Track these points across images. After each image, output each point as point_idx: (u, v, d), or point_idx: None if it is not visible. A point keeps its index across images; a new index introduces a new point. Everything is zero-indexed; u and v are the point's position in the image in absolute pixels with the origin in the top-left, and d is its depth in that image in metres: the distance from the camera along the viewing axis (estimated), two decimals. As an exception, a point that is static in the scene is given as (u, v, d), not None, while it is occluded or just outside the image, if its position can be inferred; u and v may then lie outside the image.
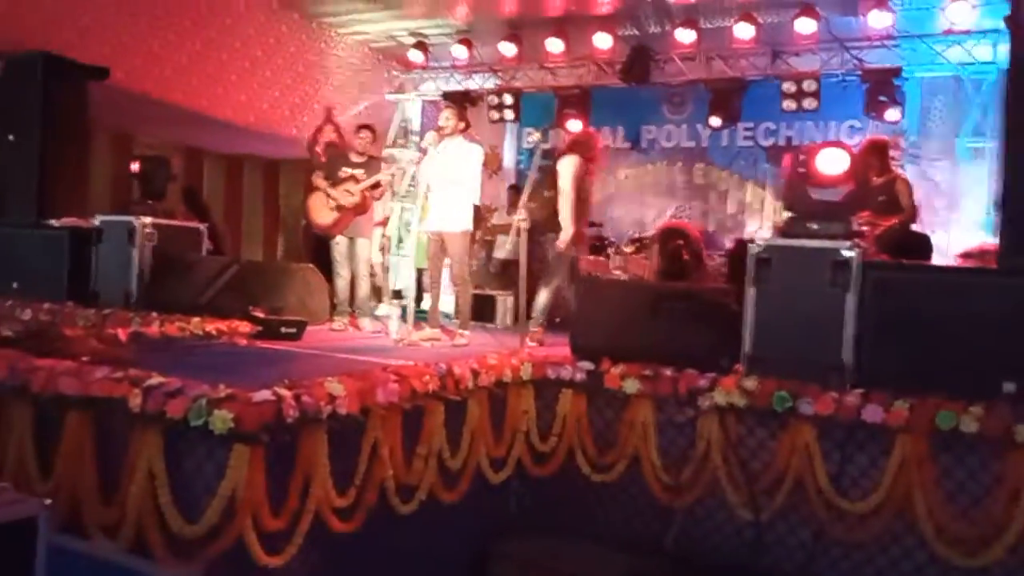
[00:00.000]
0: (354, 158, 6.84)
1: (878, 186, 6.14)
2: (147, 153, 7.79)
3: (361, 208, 6.71)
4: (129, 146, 9.10)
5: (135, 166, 6.64)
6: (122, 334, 4.22)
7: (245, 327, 5.06)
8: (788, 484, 3.76)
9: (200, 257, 6.18)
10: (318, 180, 6.78)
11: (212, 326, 4.86)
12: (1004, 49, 5.85)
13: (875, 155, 6.20)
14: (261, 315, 5.34)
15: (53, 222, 6.21)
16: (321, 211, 6.71)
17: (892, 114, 8.29)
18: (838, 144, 4.39)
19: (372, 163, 6.89)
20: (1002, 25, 5.04)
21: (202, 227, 6.51)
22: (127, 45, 7.72)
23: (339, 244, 6.73)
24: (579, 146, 6.28)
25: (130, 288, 5.78)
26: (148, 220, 5.90)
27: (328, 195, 6.67)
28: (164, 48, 8.09)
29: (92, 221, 6.11)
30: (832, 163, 4.19)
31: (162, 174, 6.68)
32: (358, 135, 6.96)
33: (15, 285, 5.98)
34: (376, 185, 6.73)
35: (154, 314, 5.14)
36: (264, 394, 3.04)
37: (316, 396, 3.18)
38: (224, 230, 8.69)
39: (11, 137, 6.56)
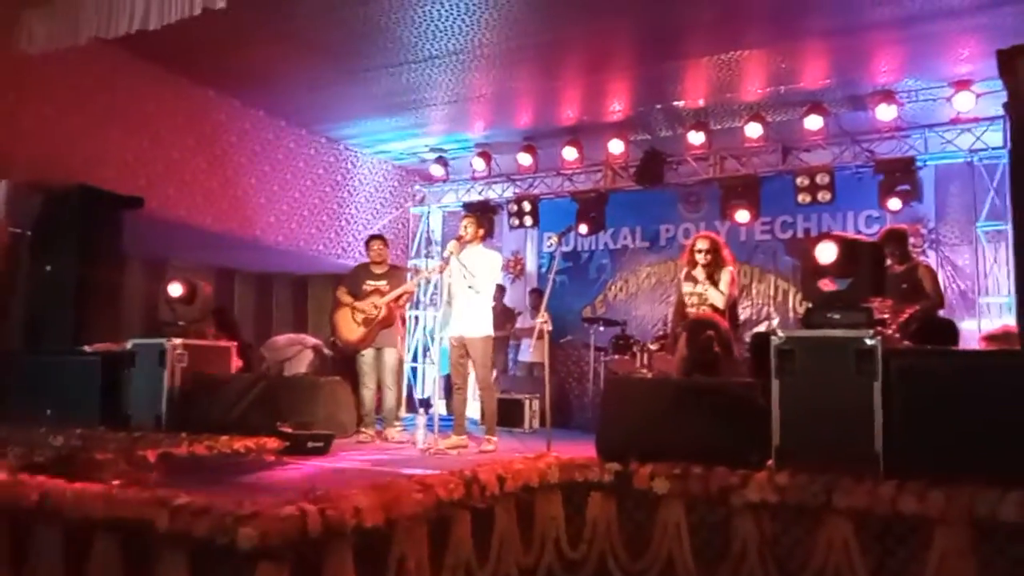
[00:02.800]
0: (375, 269, 6.96)
1: (900, 274, 6.15)
2: (179, 276, 8.02)
3: (387, 320, 6.77)
4: (162, 270, 9.40)
5: (177, 289, 6.77)
6: (150, 456, 4.27)
7: (273, 443, 5.08)
8: (828, 582, 3.63)
9: (229, 375, 6.27)
10: (343, 296, 6.88)
11: (240, 444, 4.88)
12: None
13: (894, 243, 6.23)
14: (288, 430, 5.37)
15: (87, 348, 6.37)
16: (348, 327, 6.78)
17: (901, 203, 8.38)
18: (829, 235, 4.47)
19: (394, 272, 7.01)
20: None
21: (231, 345, 6.62)
22: (161, 175, 8.10)
23: (365, 356, 6.79)
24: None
25: (161, 410, 5.87)
26: (179, 341, 6.03)
27: (354, 310, 6.76)
28: (196, 176, 8.47)
29: (125, 345, 6.26)
30: (824, 253, 4.26)
31: (197, 296, 6.88)
32: (370, 247, 7.09)
33: (48, 412, 6.10)
34: (402, 295, 6.83)
35: (183, 434, 5.19)
36: (289, 510, 3.04)
37: (340, 510, 3.17)
38: (254, 347, 8.83)
39: (48, 268, 6.83)
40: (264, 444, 5.03)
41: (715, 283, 6.08)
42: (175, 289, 6.57)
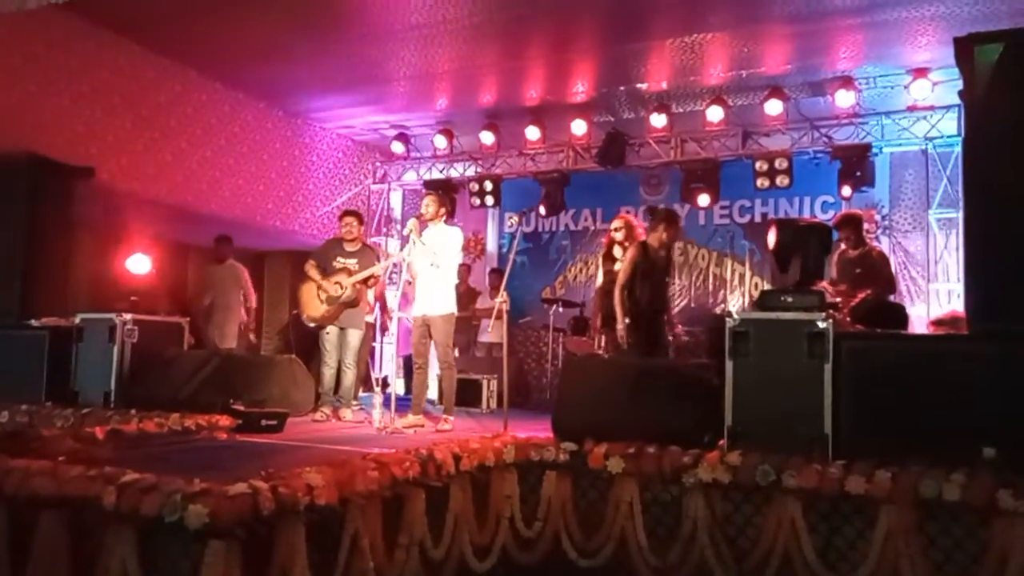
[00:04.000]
0: (347, 247, 6.80)
1: (854, 259, 6.26)
2: (136, 249, 7.87)
3: (353, 301, 6.67)
4: (113, 243, 9.18)
5: (139, 263, 6.61)
6: (99, 432, 4.19)
7: (225, 421, 5.03)
8: (776, 560, 3.71)
9: (181, 352, 6.18)
10: (311, 271, 6.73)
11: (191, 421, 4.83)
12: (965, 122, 6.05)
13: (849, 228, 6.33)
14: (241, 408, 5.31)
15: (33, 322, 6.22)
16: (312, 303, 6.66)
17: (863, 188, 8.50)
18: (775, 221, 4.61)
19: (366, 251, 6.87)
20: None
21: (183, 321, 6.51)
22: (113, 145, 7.90)
23: (329, 334, 6.69)
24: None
25: (110, 386, 5.76)
26: (129, 317, 5.91)
27: (320, 287, 6.65)
28: (149, 147, 8.28)
29: (74, 320, 6.12)
30: (770, 238, 4.37)
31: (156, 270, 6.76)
32: (342, 222, 6.92)
33: (-7, 386, 5.96)
34: (370, 277, 6.71)
35: (132, 411, 5.11)
36: (240, 487, 3.00)
37: (293, 487, 3.15)
38: (208, 323, 8.69)
39: (-6, 239, 6.64)
40: (216, 422, 4.98)
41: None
42: (136, 263, 6.47)
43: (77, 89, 7.56)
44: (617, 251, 6.55)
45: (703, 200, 9.28)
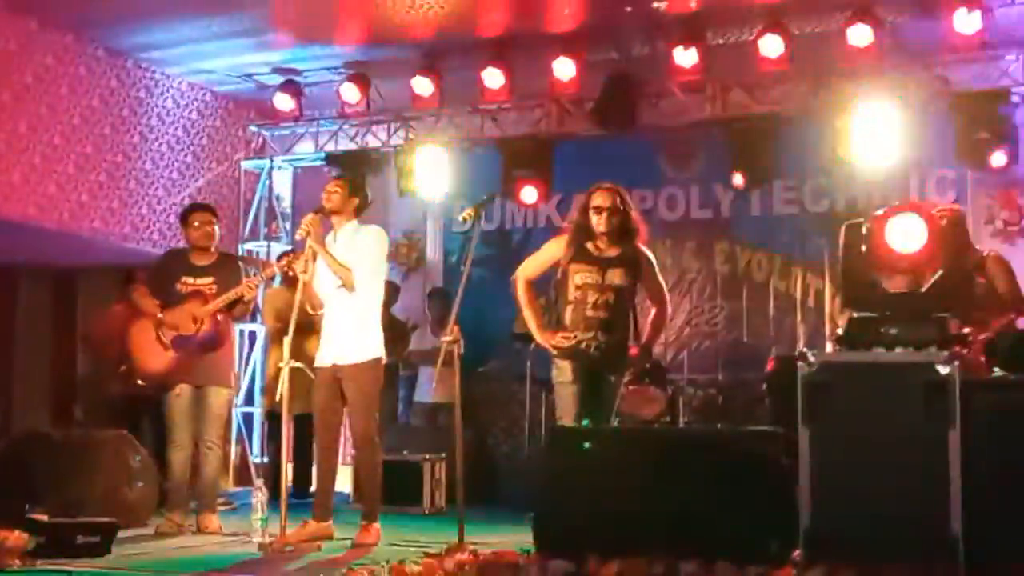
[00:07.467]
0: (197, 260, 6.85)
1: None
2: None
3: (214, 341, 6.69)
4: None
5: None
6: None
7: (17, 540, 4.96)
8: None
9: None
10: (143, 300, 6.78)
11: (-37, 541, 4.77)
12: None
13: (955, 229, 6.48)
14: (44, 519, 5.25)
15: None
16: (151, 349, 6.67)
17: (998, 158, 8.62)
18: (912, 207, 4.57)
19: (227, 264, 6.95)
20: None
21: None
22: None
23: (180, 397, 6.69)
24: None
25: None
26: None
27: (161, 324, 6.65)
28: None
29: None
30: (905, 235, 4.35)
31: None
32: (189, 223, 6.94)
33: None
34: (236, 302, 6.73)
35: None
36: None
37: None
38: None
39: None
40: (4, 541, 4.91)
41: (625, 264, 6.14)
42: None
43: None
44: (601, 246, 6.23)
45: (755, 179, 9.39)
